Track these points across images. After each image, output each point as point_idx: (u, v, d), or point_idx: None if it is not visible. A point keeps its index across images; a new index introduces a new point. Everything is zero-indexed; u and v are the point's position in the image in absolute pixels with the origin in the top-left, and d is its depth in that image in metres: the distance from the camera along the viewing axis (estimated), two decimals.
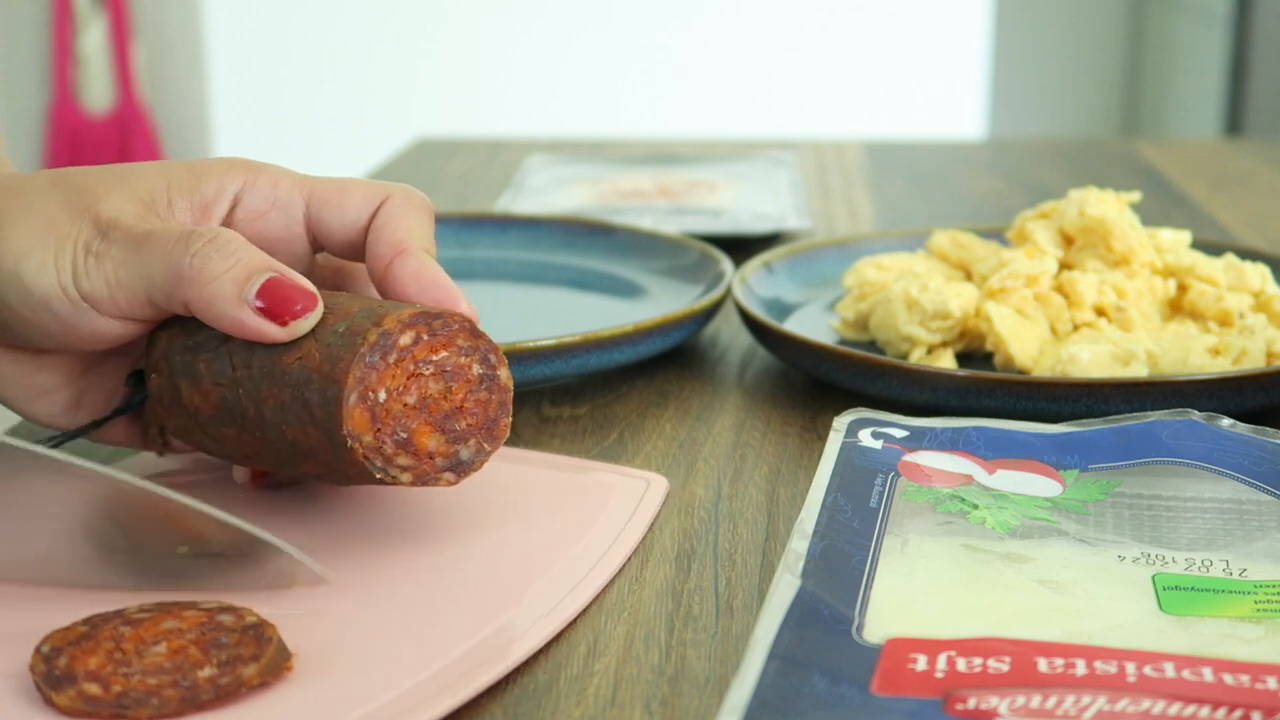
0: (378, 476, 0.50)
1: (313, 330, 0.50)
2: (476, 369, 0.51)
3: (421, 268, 0.53)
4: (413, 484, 0.50)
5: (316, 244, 0.56)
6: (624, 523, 0.56)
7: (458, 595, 0.50)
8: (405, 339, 0.50)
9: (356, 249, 0.55)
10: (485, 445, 0.52)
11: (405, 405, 0.50)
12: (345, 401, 0.48)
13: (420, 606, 0.49)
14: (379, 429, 0.49)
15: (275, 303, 0.49)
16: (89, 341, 0.52)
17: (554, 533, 0.55)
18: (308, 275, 0.57)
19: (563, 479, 0.59)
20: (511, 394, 0.52)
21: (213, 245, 0.50)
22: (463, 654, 0.45)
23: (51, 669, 0.43)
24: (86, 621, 0.45)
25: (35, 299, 0.51)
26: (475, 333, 0.51)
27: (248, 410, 0.51)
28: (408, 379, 0.50)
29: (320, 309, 0.50)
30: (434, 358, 0.50)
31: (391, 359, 0.49)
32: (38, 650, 0.44)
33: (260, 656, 0.43)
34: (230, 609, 0.46)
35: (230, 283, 0.49)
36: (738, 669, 0.43)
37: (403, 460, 0.50)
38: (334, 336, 0.50)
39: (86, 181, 0.53)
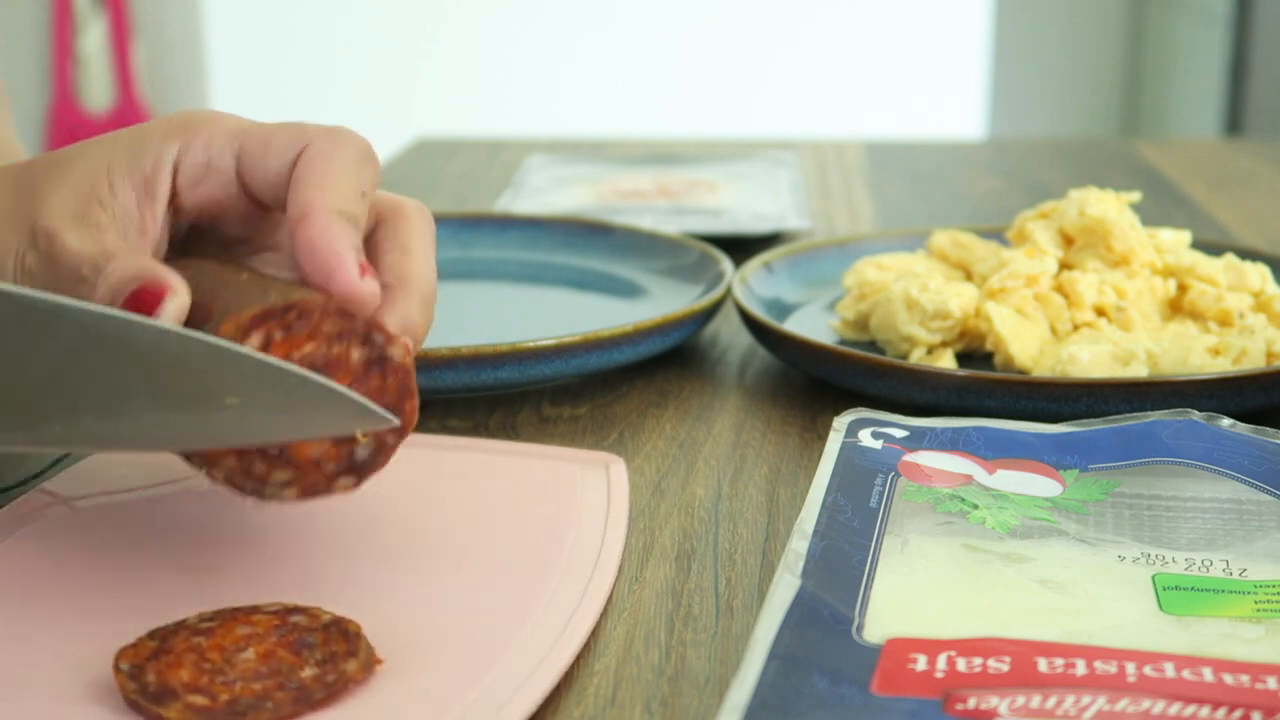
0: (256, 500, 0.45)
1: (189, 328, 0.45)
2: (357, 354, 0.45)
3: (316, 236, 0.47)
4: (302, 498, 0.45)
5: (257, 201, 0.52)
6: (603, 524, 0.56)
7: (463, 618, 0.48)
8: (252, 342, 0.44)
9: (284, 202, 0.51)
10: (388, 437, 0.45)
11: None
12: None
13: (444, 613, 0.48)
14: (241, 449, 0.44)
15: (142, 306, 0.46)
16: None
17: (535, 538, 0.54)
18: (269, 233, 0.54)
19: (523, 469, 0.60)
20: (413, 372, 0.46)
21: (89, 286, 0.48)
22: (527, 637, 0.46)
23: (144, 686, 0.42)
24: (152, 636, 0.44)
25: None
26: (345, 314, 0.45)
27: None
28: None
29: (176, 300, 0.46)
30: (296, 354, 0.44)
31: None
32: (117, 669, 0.43)
33: (357, 652, 0.44)
34: (299, 609, 0.46)
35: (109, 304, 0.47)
36: (738, 669, 0.43)
37: (281, 476, 0.45)
38: None
39: (34, 177, 0.52)
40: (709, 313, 0.75)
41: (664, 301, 0.82)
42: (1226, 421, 0.59)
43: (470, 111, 2.78)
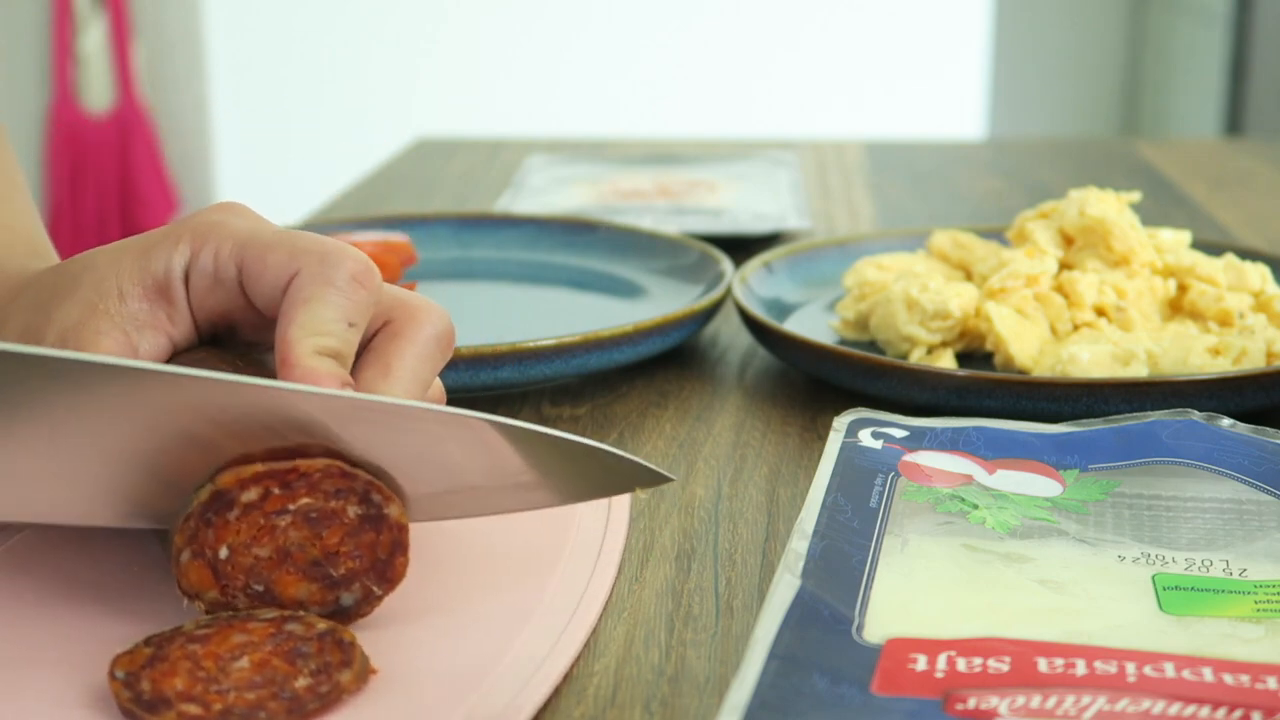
0: None
1: None
2: (353, 511, 0.46)
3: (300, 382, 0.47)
4: None
5: (263, 312, 0.52)
6: (603, 528, 0.55)
7: (460, 622, 0.48)
8: (250, 495, 0.45)
9: None
10: (375, 589, 0.47)
11: (258, 559, 0.46)
12: (178, 559, 0.45)
13: (437, 621, 0.48)
14: (225, 585, 0.46)
15: None
16: None
17: (535, 541, 0.54)
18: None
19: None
20: (408, 530, 0.47)
21: None
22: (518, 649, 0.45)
23: (139, 694, 0.42)
24: (148, 642, 0.44)
25: None
26: (347, 474, 0.46)
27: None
28: (258, 531, 0.46)
29: None
30: (292, 506, 0.46)
31: (232, 515, 0.45)
32: (113, 676, 0.42)
33: (351, 661, 0.43)
34: (294, 617, 0.46)
35: None
36: (738, 669, 0.43)
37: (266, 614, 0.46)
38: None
39: (43, 292, 0.51)
40: (709, 313, 0.75)
41: (664, 301, 0.82)
42: (1226, 421, 0.59)
43: (470, 111, 2.78)
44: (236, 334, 0.53)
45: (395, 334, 0.51)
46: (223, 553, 0.45)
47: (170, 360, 0.51)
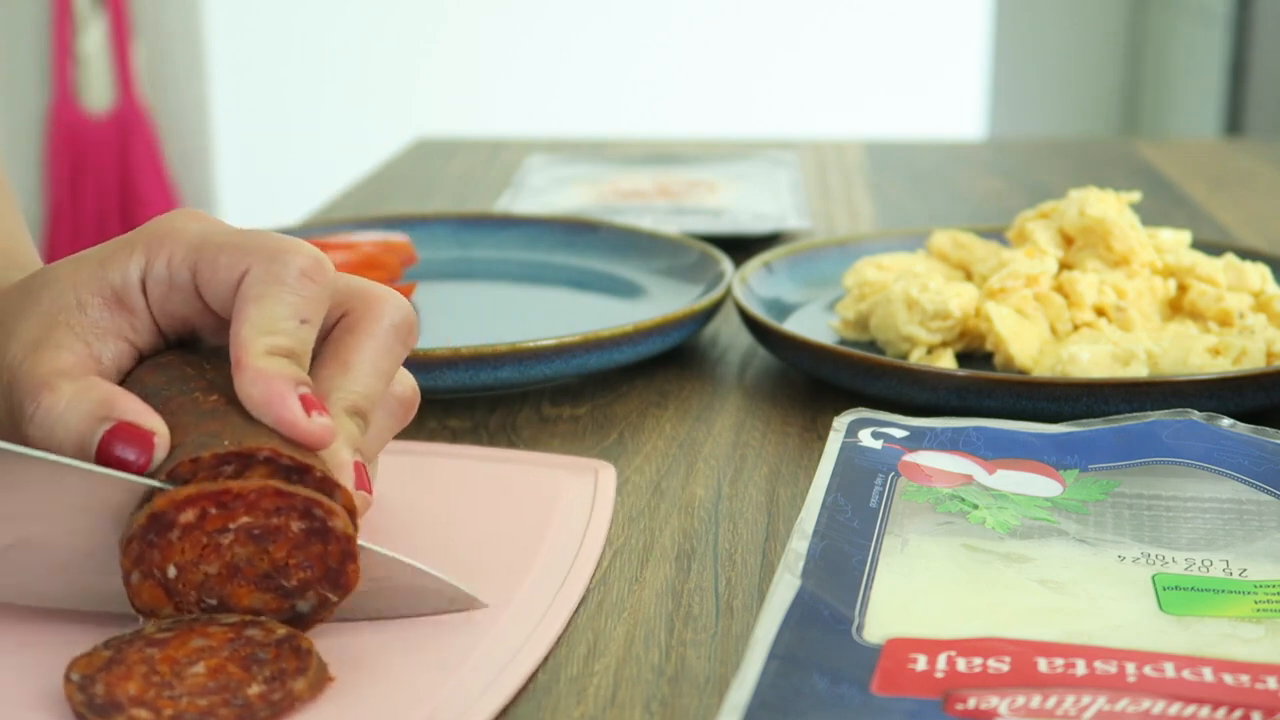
0: None
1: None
2: (297, 525, 0.46)
3: (250, 388, 0.47)
4: None
5: (221, 316, 0.51)
6: (584, 526, 0.55)
7: (423, 626, 0.48)
8: (187, 516, 0.45)
9: None
10: (330, 595, 0.46)
11: (207, 575, 0.45)
12: (129, 580, 0.45)
13: (403, 628, 0.48)
14: (178, 602, 0.46)
15: (112, 463, 0.46)
16: None
17: (513, 542, 0.54)
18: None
19: (507, 476, 0.60)
20: (355, 539, 0.46)
21: (35, 425, 0.47)
22: (470, 670, 0.45)
23: (91, 698, 0.41)
24: (108, 645, 0.44)
25: None
26: (283, 493, 0.45)
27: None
28: (202, 550, 0.45)
29: (159, 449, 0.46)
30: (233, 525, 0.45)
31: (174, 536, 0.45)
32: (68, 679, 0.42)
33: (306, 669, 0.43)
34: (255, 622, 0.45)
35: (73, 451, 0.46)
36: (738, 669, 0.43)
37: None
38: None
39: (6, 312, 0.51)
40: (709, 313, 0.75)
41: (664, 301, 0.82)
42: (1226, 421, 0.59)
43: (470, 111, 2.78)
44: (198, 338, 0.53)
45: (352, 327, 0.50)
46: (171, 572, 0.45)
47: (137, 365, 0.51)
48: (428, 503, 0.57)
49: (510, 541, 0.54)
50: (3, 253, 0.60)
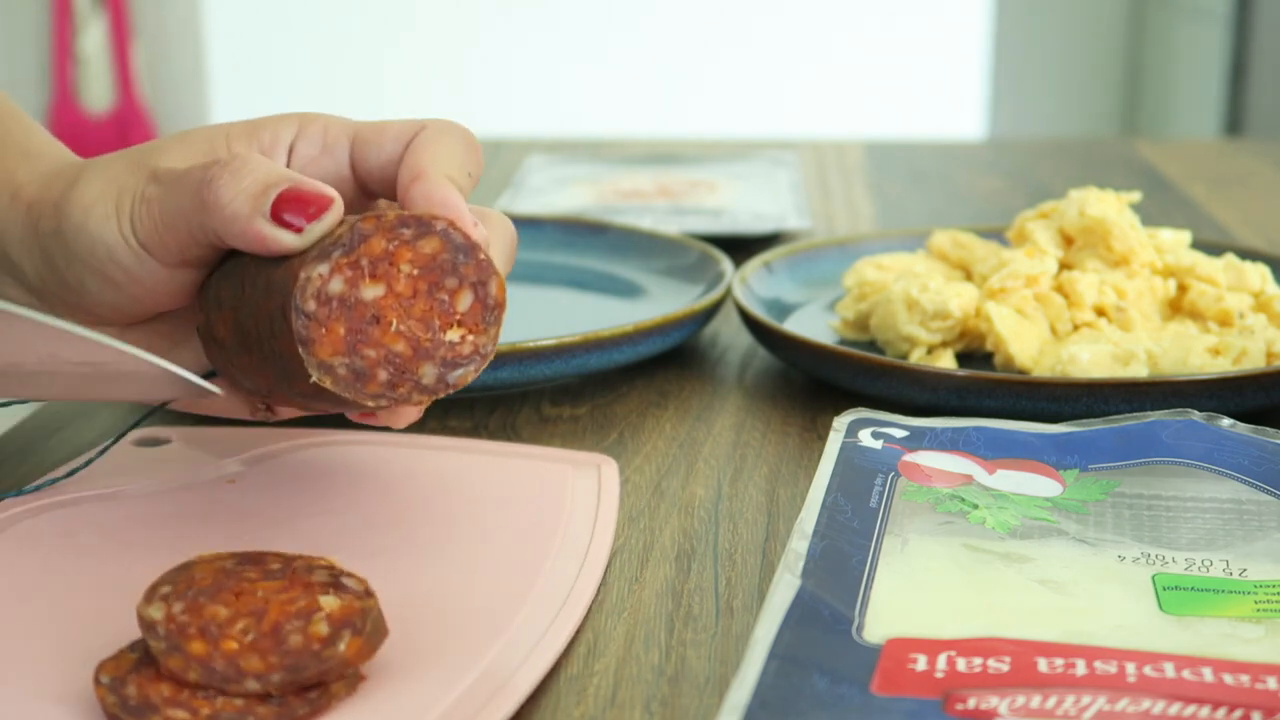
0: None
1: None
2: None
3: (432, 189, 0.51)
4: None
5: (367, 186, 0.56)
6: (592, 522, 0.55)
7: (447, 621, 0.48)
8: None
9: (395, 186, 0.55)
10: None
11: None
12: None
13: (417, 626, 0.48)
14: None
15: (292, 210, 0.49)
16: (162, 297, 0.53)
17: (525, 537, 0.54)
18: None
19: (514, 470, 0.60)
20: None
21: (227, 169, 0.50)
22: (475, 679, 0.45)
23: (124, 700, 0.42)
24: (133, 648, 0.44)
25: (100, 250, 0.52)
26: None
27: (249, 330, 0.50)
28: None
29: (337, 210, 0.49)
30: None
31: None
32: (98, 682, 0.42)
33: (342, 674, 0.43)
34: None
35: (246, 200, 0.49)
36: (738, 669, 0.43)
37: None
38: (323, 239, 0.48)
39: (152, 145, 0.55)
40: (709, 313, 0.75)
41: (664, 301, 0.82)
42: (1226, 421, 0.59)
43: (470, 111, 2.78)
44: None
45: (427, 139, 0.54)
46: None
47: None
48: (435, 500, 0.57)
49: (519, 539, 0.54)
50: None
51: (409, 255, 0.48)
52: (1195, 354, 0.68)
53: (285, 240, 0.49)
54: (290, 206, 0.49)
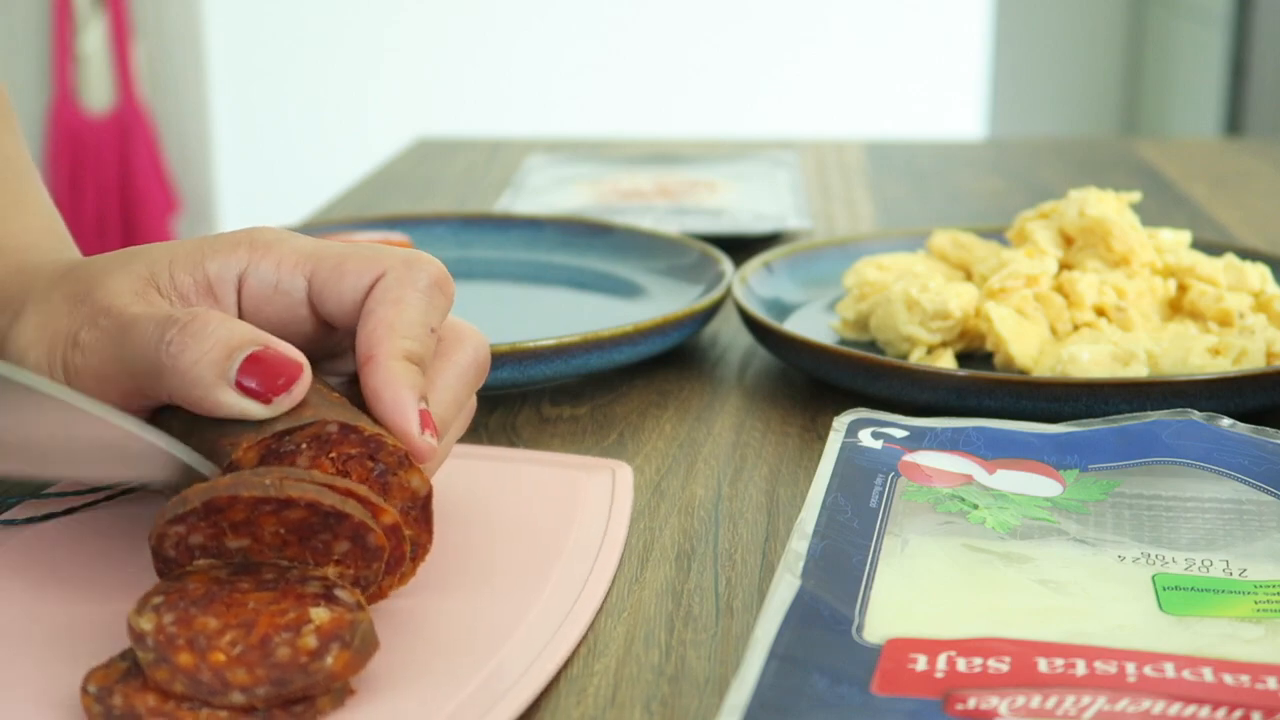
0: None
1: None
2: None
3: (381, 385, 0.48)
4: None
5: (329, 326, 0.52)
6: (604, 526, 0.55)
7: (458, 623, 0.48)
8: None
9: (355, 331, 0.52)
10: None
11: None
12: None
13: (423, 633, 0.48)
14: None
15: (259, 379, 0.47)
16: None
17: (536, 541, 0.54)
18: (332, 344, 0.53)
19: (527, 476, 0.59)
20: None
21: (187, 331, 0.47)
22: (479, 685, 0.45)
23: (110, 710, 0.41)
24: (124, 656, 0.44)
25: None
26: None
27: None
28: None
29: (305, 380, 0.47)
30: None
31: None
32: (85, 691, 0.42)
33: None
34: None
35: (208, 366, 0.46)
36: (738, 669, 0.43)
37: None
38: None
39: (94, 267, 0.52)
40: (709, 313, 0.75)
41: (664, 301, 0.82)
42: (1226, 421, 0.59)
43: (470, 111, 2.78)
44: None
45: (440, 353, 0.52)
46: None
47: None
48: (447, 505, 0.57)
49: (530, 546, 0.54)
50: (56, 235, 0.61)
51: (273, 522, 0.46)
52: (1195, 354, 0.68)
53: (251, 411, 0.47)
54: (257, 374, 0.47)
